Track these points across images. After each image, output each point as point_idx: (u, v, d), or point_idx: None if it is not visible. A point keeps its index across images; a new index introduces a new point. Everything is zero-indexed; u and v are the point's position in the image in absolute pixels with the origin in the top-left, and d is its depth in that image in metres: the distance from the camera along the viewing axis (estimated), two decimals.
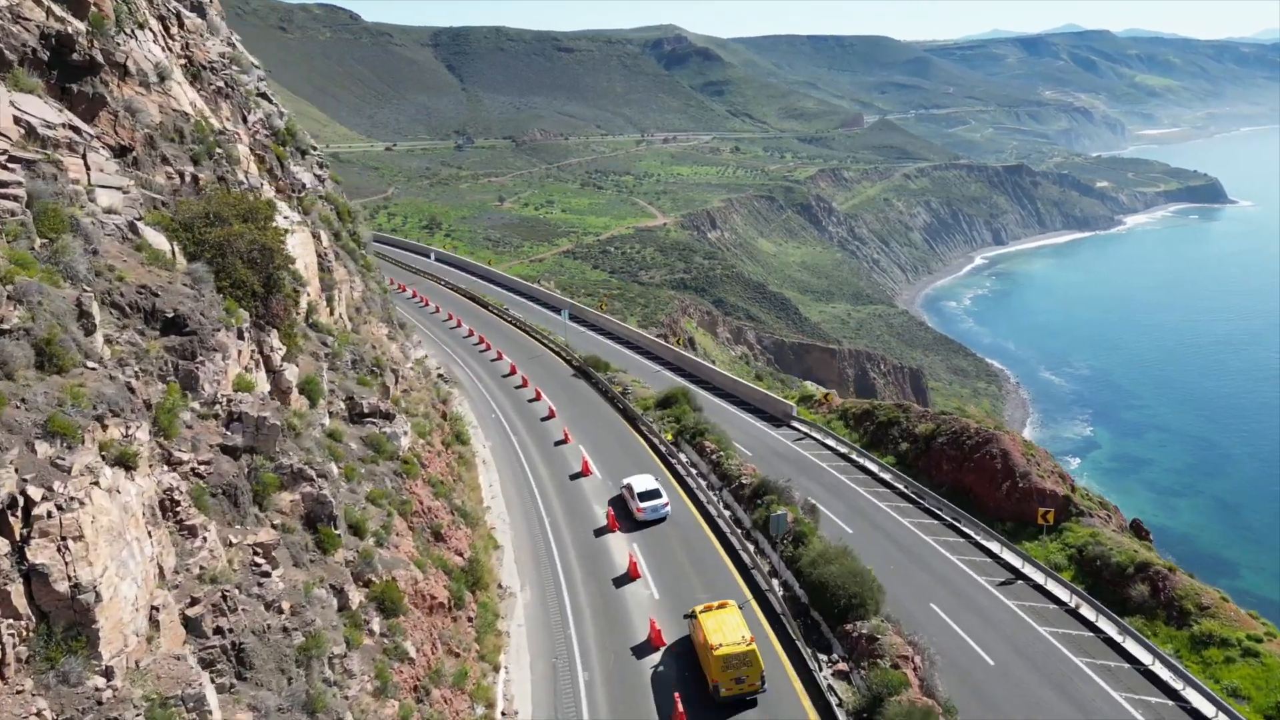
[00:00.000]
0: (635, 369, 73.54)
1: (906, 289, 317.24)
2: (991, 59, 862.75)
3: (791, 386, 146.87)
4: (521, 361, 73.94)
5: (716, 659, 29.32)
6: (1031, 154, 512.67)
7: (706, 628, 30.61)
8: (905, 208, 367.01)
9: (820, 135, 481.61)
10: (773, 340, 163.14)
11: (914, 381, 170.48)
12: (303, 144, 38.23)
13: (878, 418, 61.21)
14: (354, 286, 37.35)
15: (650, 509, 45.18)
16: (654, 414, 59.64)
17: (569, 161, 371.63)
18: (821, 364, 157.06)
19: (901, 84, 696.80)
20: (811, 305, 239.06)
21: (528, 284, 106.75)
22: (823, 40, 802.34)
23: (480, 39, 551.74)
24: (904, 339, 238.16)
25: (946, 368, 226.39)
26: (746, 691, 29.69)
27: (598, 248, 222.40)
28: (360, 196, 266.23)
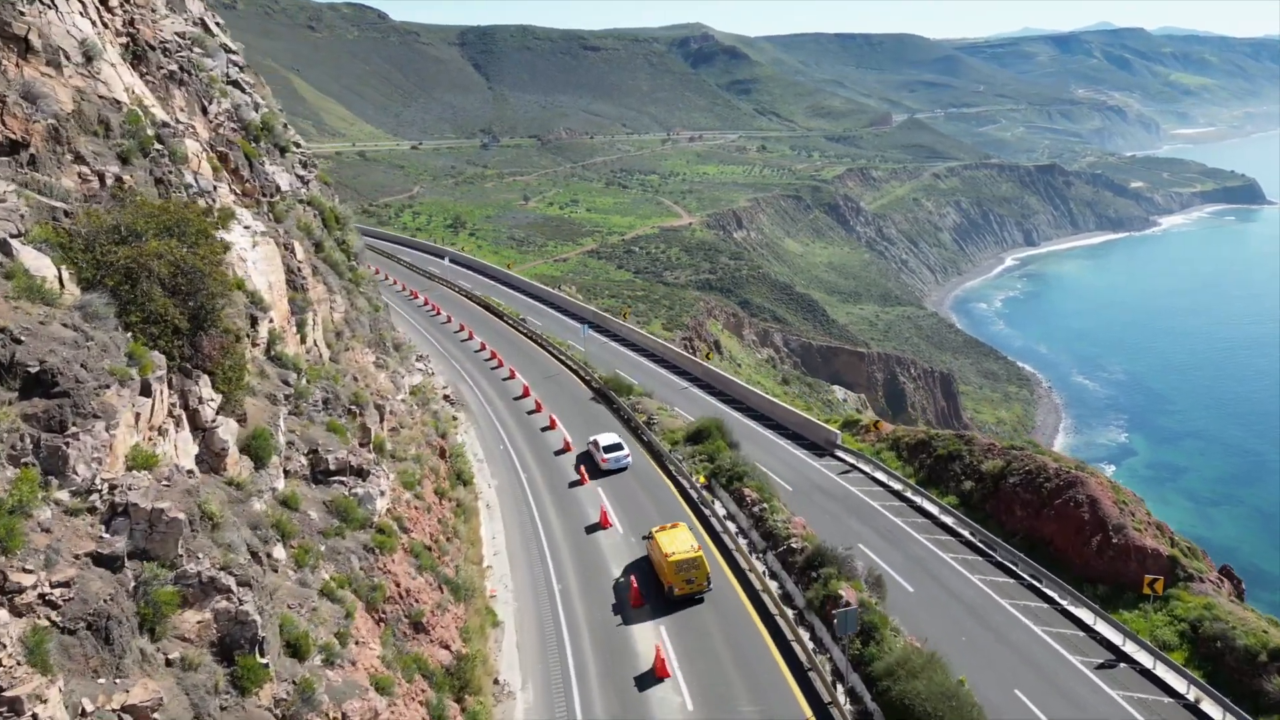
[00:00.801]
0: (660, 386, 67.64)
1: (936, 290, 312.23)
2: (1023, 57, 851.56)
3: (819, 391, 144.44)
4: (536, 381, 67.81)
5: (670, 564, 36.62)
6: (1064, 153, 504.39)
7: (661, 541, 38.17)
8: (934, 208, 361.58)
9: (848, 134, 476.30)
10: (800, 343, 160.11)
11: (944, 386, 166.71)
12: (281, 140, 34.20)
13: (935, 449, 53.23)
14: (335, 306, 33.33)
15: (614, 460, 52.91)
16: (683, 450, 52.40)
17: (594, 160, 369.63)
18: (850, 367, 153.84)
19: (930, 82, 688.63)
20: (839, 307, 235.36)
21: (547, 289, 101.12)
22: (850, 38, 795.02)
23: (507, 38, 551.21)
24: (933, 341, 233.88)
25: (977, 371, 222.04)
26: (696, 590, 37.17)
27: (622, 247, 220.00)
28: (386, 195, 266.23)
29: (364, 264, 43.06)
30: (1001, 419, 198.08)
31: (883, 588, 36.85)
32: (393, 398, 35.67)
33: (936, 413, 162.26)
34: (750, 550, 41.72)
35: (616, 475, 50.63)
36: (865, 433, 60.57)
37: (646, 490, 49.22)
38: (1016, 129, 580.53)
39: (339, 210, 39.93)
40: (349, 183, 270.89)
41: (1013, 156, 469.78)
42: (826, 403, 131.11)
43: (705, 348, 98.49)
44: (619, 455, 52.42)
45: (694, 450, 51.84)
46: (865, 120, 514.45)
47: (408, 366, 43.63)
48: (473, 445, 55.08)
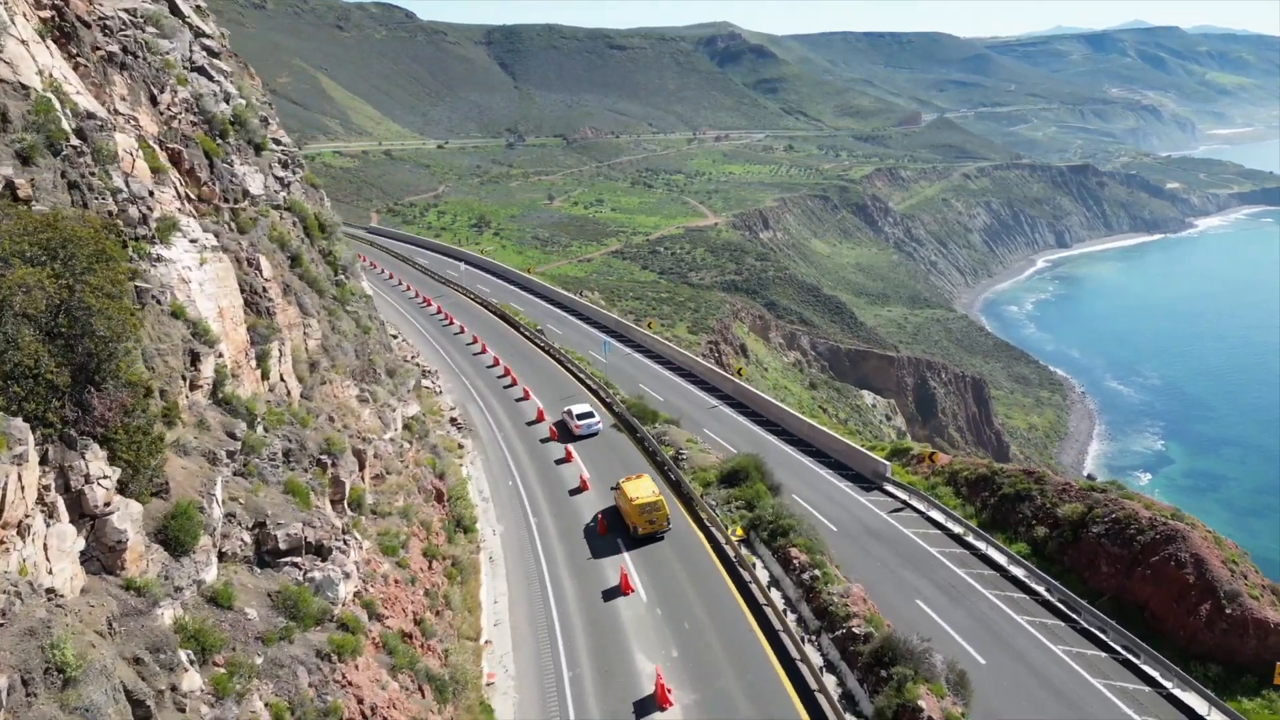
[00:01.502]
0: (687, 404, 62.11)
1: (965, 292, 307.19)
2: (1055, 56, 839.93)
3: (848, 396, 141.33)
4: (552, 404, 61.10)
5: (634, 507, 41.93)
6: (1097, 153, 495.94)
7: (626, 489, 43.32)
8: (964, 208, 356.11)
9: (876, 133, 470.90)
10: (827, 346, 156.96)
11: (976, 392, 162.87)
12: (257, 136, 29.58)
13: (1000, 487, 46.02)
14: (310, 332, 28.55)
15: (585, 426, 56.49)
16: (717, 493, 45.70)
17: (619, 160, 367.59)
18: (879, 372, 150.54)
19: (961, 81, 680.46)
20: (866, 308, 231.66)
21: (569, 295, 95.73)
22: (879, 37, 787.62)
23: (533, 37, 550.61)
24: (963, 345, 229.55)
25: (1008, 375, 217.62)
26: (657, 530, 42.28)
27: (647, 248, 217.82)
28: (412, 194, 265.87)
29: (354, 277, 38.00)
30: (1033, 425, 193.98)
31: (967, 688, 29.93)
32: (379, 438, 31.20)
33: (967, 418, 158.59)
34: (800, 629, 34.25)
35: None
36: (918, 464, 53.15)
37: (675, 544, 41.91)
38: (1048, 128, 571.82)
39: (325, 216, 34.95)
40: (375, 182, 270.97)
41: (1044, 156, 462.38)
42: (855, 408, 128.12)
43: (737, 364, 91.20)
44: (590, 422, 57.47)
45: (729, 495, 45.09)
46: (894, 119, 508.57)
47: (403, 395, 38.05)
48: (478, 480, 49.75)
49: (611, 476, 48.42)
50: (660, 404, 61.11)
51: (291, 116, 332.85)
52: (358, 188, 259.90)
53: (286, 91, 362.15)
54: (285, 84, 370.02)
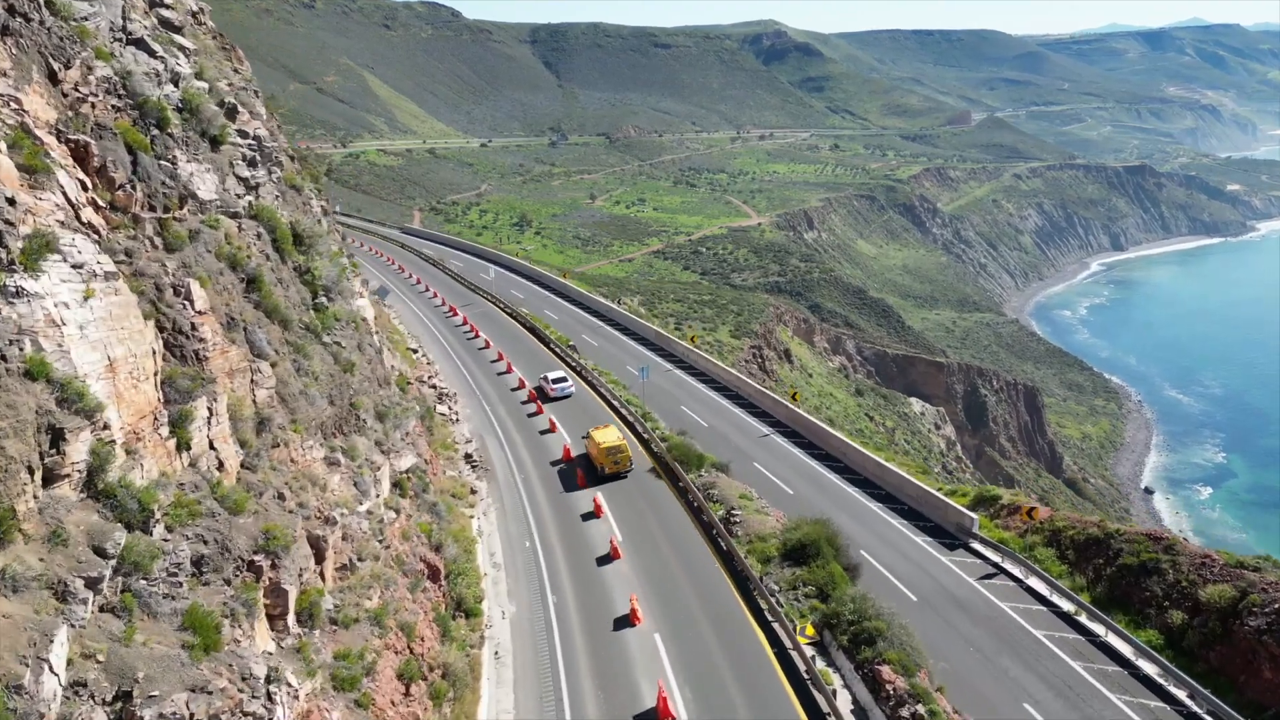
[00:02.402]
0: (734, 431, 55.22)
1: (1015, 296, 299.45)
2: (1110, 54, 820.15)
3: (895, 403, 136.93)
4: (580, 439, 53.21)
5: (601, 449, 47.38)
6: (1154, 154, 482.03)
7: (595, 436, 48.64)
8: (1015, 209, 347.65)
9: (924, 133, 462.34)
10: (874, 350, 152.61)
11: (1028, 400, 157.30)
12: (213, 127, 24.15)
13: (1117, 554, 36.94)
14: (261, 379, 22.54)
15: (559, 390, 59.77)
16: (778, 572, 36.83)
17: (662, 159, 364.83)
18: (927, 378, 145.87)
19: (1012, 79, 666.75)
20: (913, 311, 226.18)
21: (606, 303, 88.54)
22: (929, 35, 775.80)
23: (578, 35, 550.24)
24: (1013, 350, 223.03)
25: (1060, 382, 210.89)
26: (620, 470, 47.75)
27: (689, 248, 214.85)
28: (455, 193, 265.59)
29: (344, 297, 31.74)
30: (1088, 434, 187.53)
31: None
32: (351, 512, 24.85)
33: (1019, 427, 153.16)
34: None
35: (682, 621, 34.63)
36: (1009, 516, 44.47)
37: (725, 644, 33.04)
38: (1103, 128, 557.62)
39: (305, 225, 28.66)
40: (418, 180, 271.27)
41: (1099, 156, 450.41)
42: (902, 416, 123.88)
43: (793, 388, 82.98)
44: (564, 386, 61.43)
45: (795, 577, 36.20)
46: (943, 119, 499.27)
47: (395, 443, 31.78)
48: (490, 538, 42.26)
49: (649, 542, 41.08)
50: (703, 431, 54.84)
51: (338, 115, 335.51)
52: (401, 186, 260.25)
53: (333, 90, 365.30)
54: (332, 82, 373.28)
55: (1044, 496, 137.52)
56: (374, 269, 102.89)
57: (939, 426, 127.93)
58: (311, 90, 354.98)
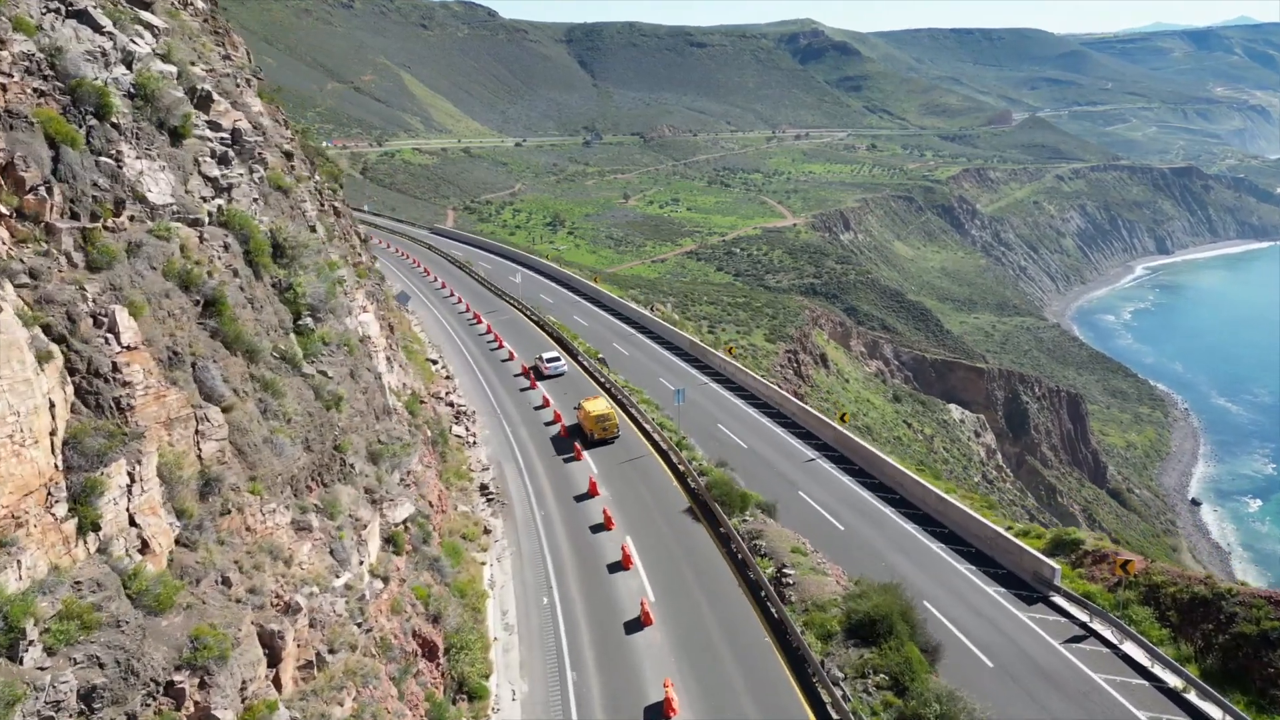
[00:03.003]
0: (778, 456, 49.70)
1: (1057, 300, 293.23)
2: (1155, 53, 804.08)
3: (934, 410, 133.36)
4: (609, 469, 47.85)
5: (591, 417, 50.54)
6: (1201, 155, 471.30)
7: (585, 406, 51.97)
8: (1057, 211, 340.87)
9: (964, 133, 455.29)
10: (911, 355, 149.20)
11: (1072, 408, 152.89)
12: (173, 118, 20.14)
13: (1231, 619, 30.99)
14: (209, 428, 17.90)
15: (553, 368, 61.77)
16: (842, 652, 30.51)
17: (697, 158, 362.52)
18: (967, 384, 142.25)
19: (1054, 79, 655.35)
20: (951, 315, 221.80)
21: (638, 309, 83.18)
22: (968, 33, 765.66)
23: (613, 35, 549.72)
24: (1055, 356, 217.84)
25: (1104, 389, 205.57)
26: (608, 436, 50.72)
27: (722, 248, 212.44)
28: (489, 192, 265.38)
29: (336, 316, 27.12)
30: (1132, 443, 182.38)
31: None
32: (326, 588, 20.18)
33: (1062, 436, 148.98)
34: None
35: (730, 707, 29.22)
36: (1094, 564, 37.42)
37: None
38: (1148, 128, 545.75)
39: (288, 233, 24.07)
40: (453, 179, 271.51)
41: (1144, 158, 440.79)
42: (941, 423, 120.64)
43: (841, 409, 77.88)
44: (557, 365, 62.88)
45: (863, 660, 29.69)
46: (983, 118, 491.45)
47: (390, 489, 27.02)
48: (503, 592, 36.60)
49: (686, 604, 34.95)
50: (742, 453, 49.67)
51: (374, 114, 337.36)
52: (435, 185, 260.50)
53: (370, 89, 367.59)
54: (370, 82, 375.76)
55: (1087, 508, 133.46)
56: (399, 272, 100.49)
57: (979, 434, 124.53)
58: (349, 89, 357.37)
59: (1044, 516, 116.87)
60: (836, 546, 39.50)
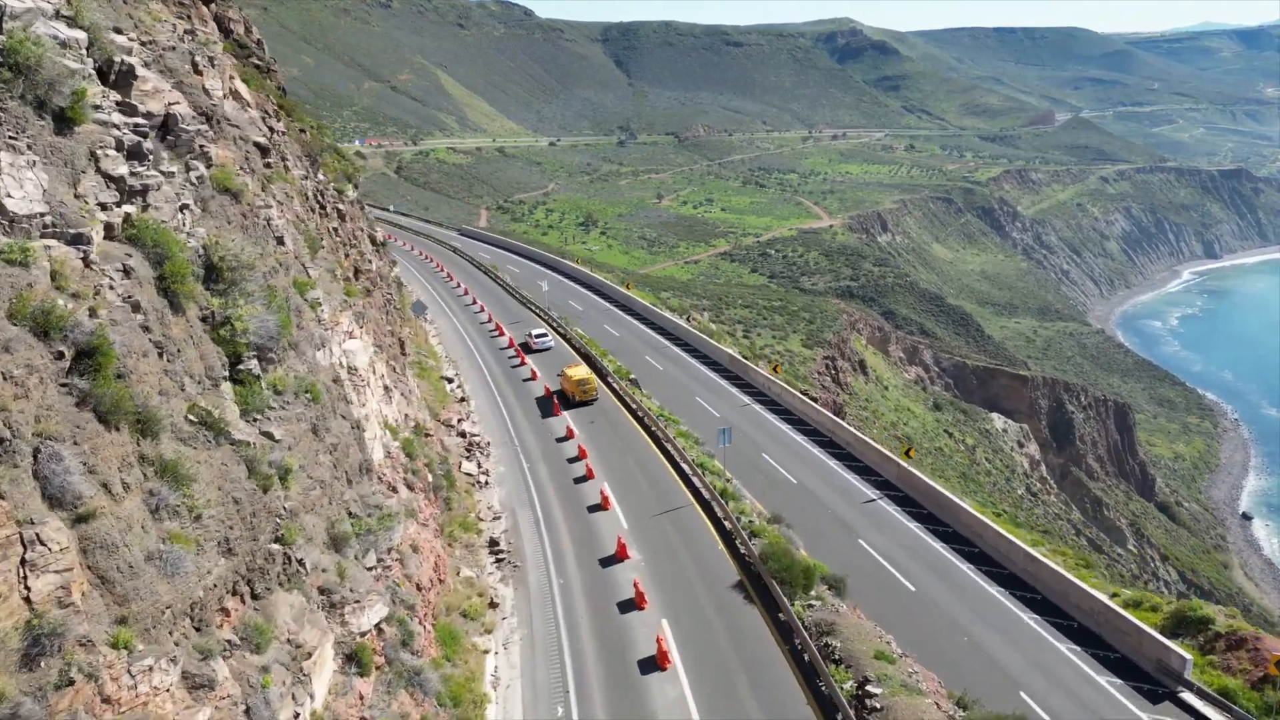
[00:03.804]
0: (833, 494, 43.26)
1: (1100, 304, 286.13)
2: (1202, 52, 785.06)
3: (975, 419, 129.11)
4: (642, 522, 39.87)
5: (572, 381, 54.88)
6: (1250, 157, 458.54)
7: (567, 372, 56.12)
8: (1101, 214, 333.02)
9: (1005, 133, 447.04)
10: (952, 362, 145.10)
11: (1119, 418, 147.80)
12: (64, 96, 14.39)
13: None
14: (46, 556, 11.01)
15: (540, 343, 65.36)
16: None
17: (731, 158, 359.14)
18: (1009, 393, 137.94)
19: (1098, 79, 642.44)
20: (991, 319, 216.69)
21: (673, 320, 77.17)
22: (1010, 32, 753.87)
23: (649, 34, 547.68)
24: (1099, 362, 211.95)
25: (1150, 398, 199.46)
26: (588, 398, 54.71)
27: (757, 250, 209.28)
28: (522, 191, 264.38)
29: (294, 356, 20.74)
30: (1180, 454, 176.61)
31: None
32: None
33: (1108, 447, 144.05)
34: None
35: None
36: (1229, 651, 30.32)
37: None
38: (1195, 130, 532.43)
39: (225, 250, 17.84)
40: (486, 179, 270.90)
41: (1191, 159, 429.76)
42: (984, 433, 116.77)
43: (906, 443, 71.61)
44: (544, 339, 66.22)
45: None
46: (1024, 119, 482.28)
47: (356, 584, 20.18)
48: (508, 695, 29.13)
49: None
50: (791, 490, 43.86)
51: (410, 113, 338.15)
52: (469, 185, 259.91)
53: (406, 88, 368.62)
54: (406, 81, 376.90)
55: (1135, 522, 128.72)
56: (421, 276, 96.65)
57: (1022, 445, 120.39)
58: (385, 89, 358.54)
59: (1090, 531, 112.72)
60: (908, 615, 33.29)
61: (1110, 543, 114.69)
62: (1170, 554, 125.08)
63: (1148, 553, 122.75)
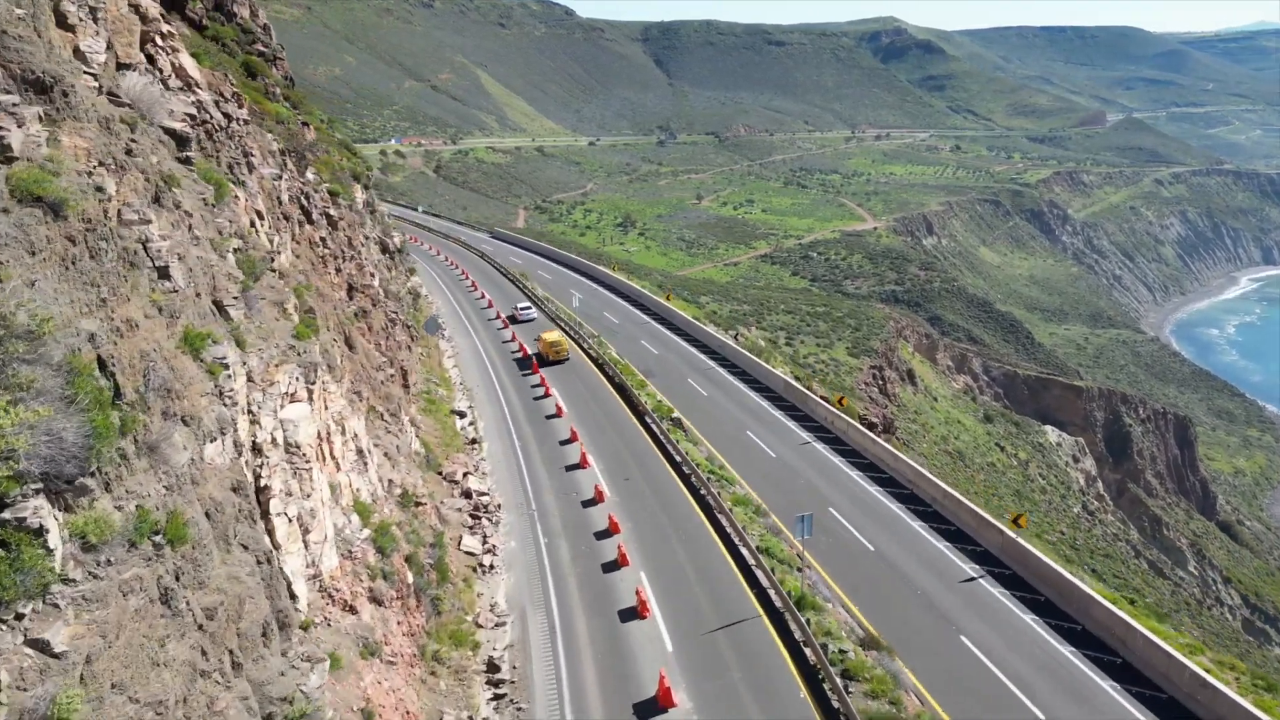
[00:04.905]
0: (923, 574, 33.81)
1: (1154, 311, 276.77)
2: (1259, 52, 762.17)
3: (1028, 432, 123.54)
4: (689, 645, 29.10)
5: (546, 344, 61.47)
6: None
7: (543, 337, 62.43)
8: (1156, 218, 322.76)
9: (1054, 134, 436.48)
10: (1002, 371, 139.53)
11: (1179, 431, 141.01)
12: None
13: None
14: None
15: (525, 315, 70.58)
16: None
17: (773, 158, 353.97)
18: (1063, 404, 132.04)
19: (1151, 79, 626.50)
20: (1040, 326, 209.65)
21: (720, 338, 68.10)
22: (1059, 31, 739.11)
23: (690, 33, 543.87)
24: (1153, 372, 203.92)
25: (1208, 409, 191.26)
26: (560, 358, 61.15)
27: (798, 252, 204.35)
28: (560, 191, 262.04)
29: (130, 470, 11.75)
30: (1240, 469, 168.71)
31: None
32: None
33: (1167, 462, 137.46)
34: None
35: None
36: None
37: None
38: (1252, 131, 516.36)
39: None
40: (525, 178, 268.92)
41: (1248, 162, 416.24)
42: (1037, 447, 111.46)
43: (1016, 510, 59.85)
44: (528, 312, 71.40)
45: None
46: (1074, 119, 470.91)
47: None
48: None
49: None
50: (868, 559, 34.99)
51: (450, 112, 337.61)
52: (507, 184, 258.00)
53: (446, 88, 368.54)
54: (447, 80, 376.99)
55: (1196, 542, 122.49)
56: (443, 285, 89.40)
57: (1078, 460, 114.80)
58: (426, 88, 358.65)
59: (1150, 553, 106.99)
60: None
61: (1171, 565, 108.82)
62: (1233, 576, 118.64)
63: (1209, 575, 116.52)
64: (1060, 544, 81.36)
